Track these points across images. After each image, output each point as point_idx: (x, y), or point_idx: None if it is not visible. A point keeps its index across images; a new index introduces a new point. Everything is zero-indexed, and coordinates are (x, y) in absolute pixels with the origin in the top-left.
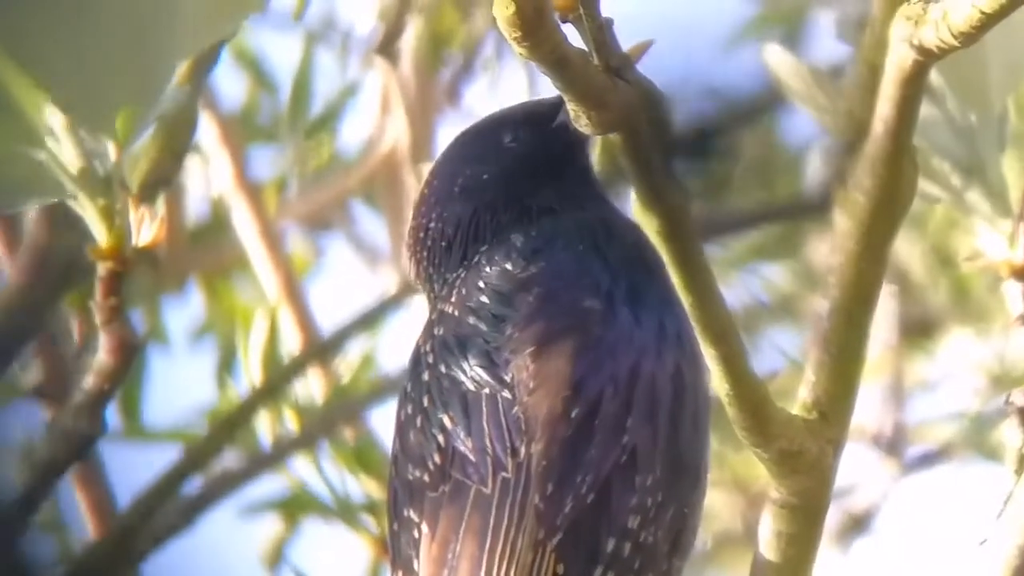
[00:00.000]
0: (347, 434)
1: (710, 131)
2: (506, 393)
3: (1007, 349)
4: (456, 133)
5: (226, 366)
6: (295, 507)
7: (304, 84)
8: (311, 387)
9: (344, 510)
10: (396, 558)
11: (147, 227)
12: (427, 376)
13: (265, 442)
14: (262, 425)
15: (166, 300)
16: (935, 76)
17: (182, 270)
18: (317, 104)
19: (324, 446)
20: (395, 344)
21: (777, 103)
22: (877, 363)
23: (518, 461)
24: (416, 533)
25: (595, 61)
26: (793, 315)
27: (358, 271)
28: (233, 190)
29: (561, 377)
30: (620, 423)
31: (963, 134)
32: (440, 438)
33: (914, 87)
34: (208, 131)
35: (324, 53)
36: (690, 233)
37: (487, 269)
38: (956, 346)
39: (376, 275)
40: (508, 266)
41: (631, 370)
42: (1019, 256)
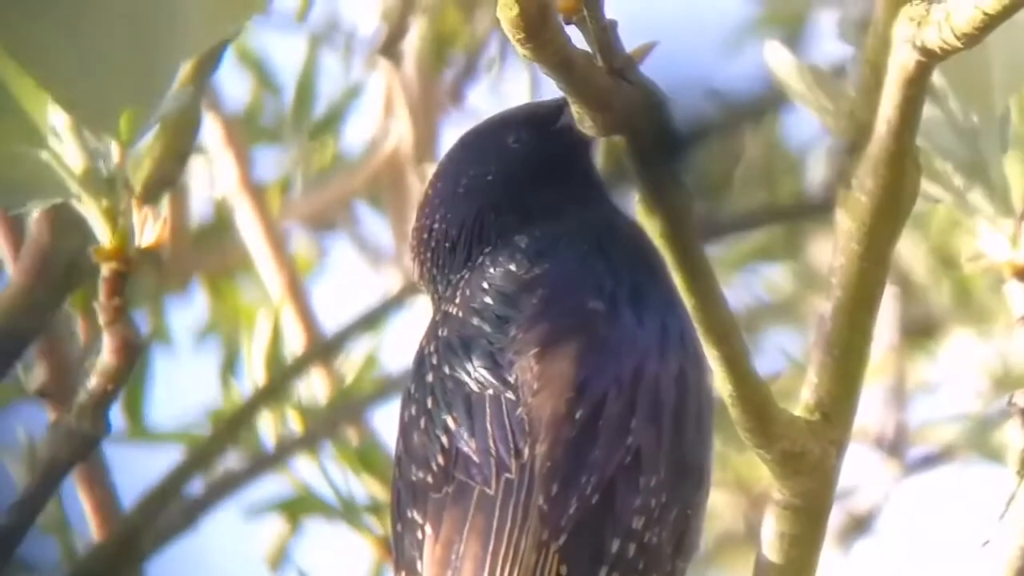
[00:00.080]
0: (350, 434)
1: (712, 132)
2: (510, 394)
3: (1010, 350)
4: (460, 134)
5: (230, 367)
6: (298, 508)
7: (308, 85)
8: (314, 387)
9: (347, 511)
10: (399, 559)
11: (150, 228)
12: (431, 377)
13: (268, 443)
14: (265, 426)
15: (170, 301)
16: (937, 77)
17: (186, 271)
18: (321, 105)
19: (327, 446)
20: (398, 344)
21: (779, 104)
22: (879, 364)
23: (522, 462)
24: (420, 534)
25: (599, 63)
26: (795, 316)
27: (362, 272)
28: (237, 191)
29: (565, 378)
30: (624, 424)
31: (965, 135)
32: (444, 439)
33: (917, 88)
34: (212, 132)
35: (328, 54)
36: (693, 235)
37: (491, 270)
38: (958, 347)
39: (380, 276)
40: (512, 267)
41: (635, 371)
42: (1021, 257)
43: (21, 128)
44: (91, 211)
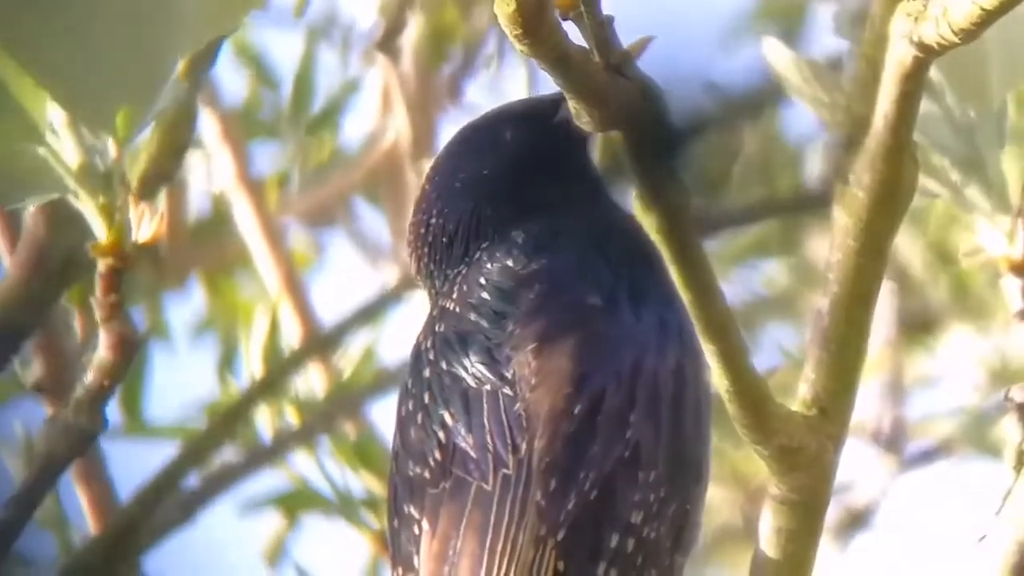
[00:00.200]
0: (348, 429)
1: (710, 127)
2: (507, 390)
3: (1007, 345)
4: (457, 129)
5: (227, 362)
6: (295, 502)
7: (305, 80)
8: (311, 382)
9: (344, 505)
10: (396, 554)
11: (147, 223)
12: (428, 373)
13: (265, 437)
14: (262, 420)
15: (168, 296)
16: (935, 72)
17: (183, 266)
18: (318, 100)
19: (324, 441)
20: (396, 339)
21: (777, 98)
22: (877, 359)
23: (519, 458)
24: (416, 529)
25: (596, 58)
26: (793, 311)
27: (359, 267)
28: (234, 186)
29: (563, 374)
30: (623, 419)
31: (963, 130)
32: (441, 435)
33: (914, 83)
34: (209, 127)
35: (325, 49)
36: (690, 231)
37: (488, 265)
38: (956, 342)
39: (377, 271)
40: (509, 263)
41: (633, 366)
42: (1018, 252)
43: (18, 124)
44: (88, 207)
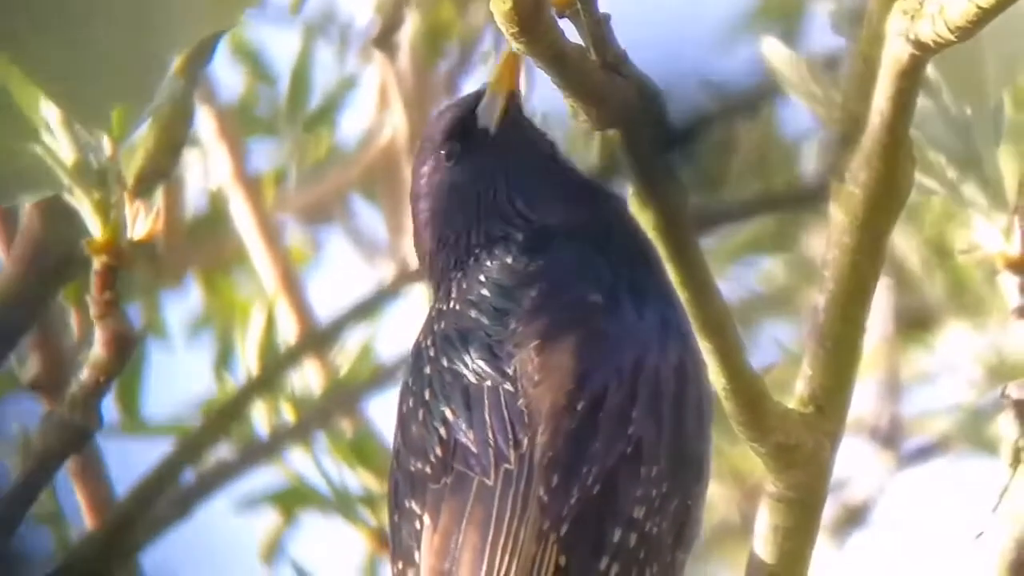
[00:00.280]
0: (344, 426)
1: (708, 124)
2: (508, 386)
3: (1004, 342)
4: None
5: (224, 359)
6: (292, 499)
7: (302, 77)
8: (308, 379)
9: (341, 502)
10: (397, 549)
11: (142, 221)
12: (428, 370)
13: (262, 434)
14: (259, 417)
15: (165, 294)
16: (931, 70)
17: (180, 264)
18: (315, 97)
19: (321, 438)
20: (393, 335)
21: (774, 96)
22: (874, 356)
23: (520, 453)
24: (418, 524)
25: (592, 56)
26: (790, 308)
27: (356, 264)
28: (231, 183)
29: (566, 370)
30: (625, 415)
31: (959, 128)
32: (442, 430)
33: (910, 81)
34: (206, 124)
35: (322, 46)
36: (687, 228)
37: (488, 263)
38: (953, 339)
39: (374, 268)
40: (509, 260)
41: (635, 363)
42: (1015, 249)
43: (13, 121)
44: (83, 204)
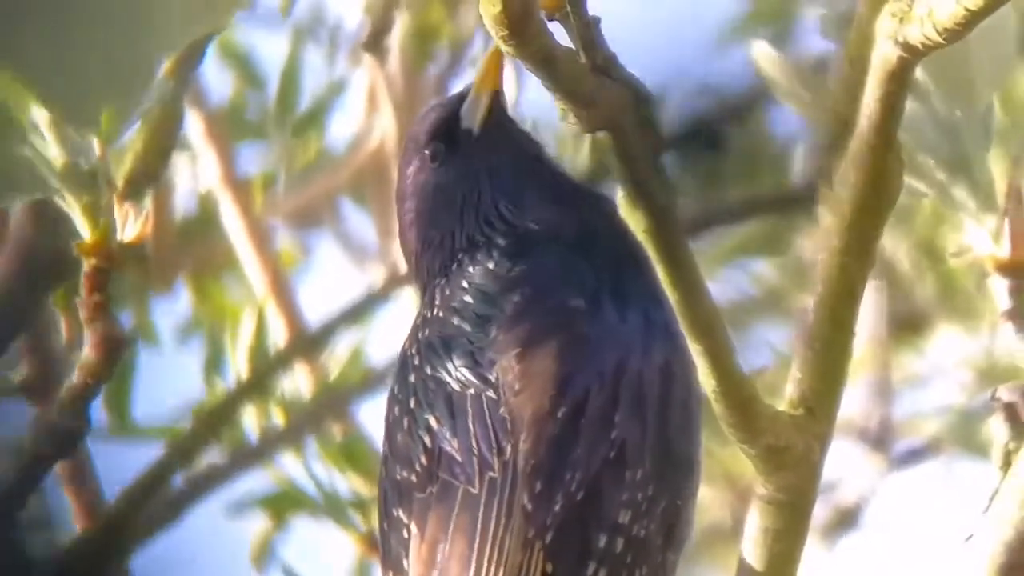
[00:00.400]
0: (335, 430)
1: (699, 127)
2: (491, 393)
3: (994, 344)
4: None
5: (214, 363)
6: (282, 503)
7: (292, 80)
8: (298, 383)
9: (331, 506)
10: (386, 558)
11: (132, 223)
12: (413, 378)
13: (252, 438)
14: (249, 421)
15: (155, 299)
16: (920, 73)
17: (170, 268)
18: (305, 100)
19: (311, 442)
20: (382, 339)
21: (765, 99)
22: (864, 358)
23: (504, 460)
24: (405, 533)
25: (582, 59)
26: (781, 310)
27: (346, 268)
28: (220, 187)
29: (547, 377)
30: (608, 420)
31: (949, 131)
32: (426, 439)
33: (899, 83)
34: (195, 127)
35: (312, 49)
36: (677, 231)
37: (470, 269)
38: (943, 341)
39: (364, 272)
40: (491, 266)
41: (617, 366)
42: (1005, 251)
43: (3, 124)
44: (72, 207)
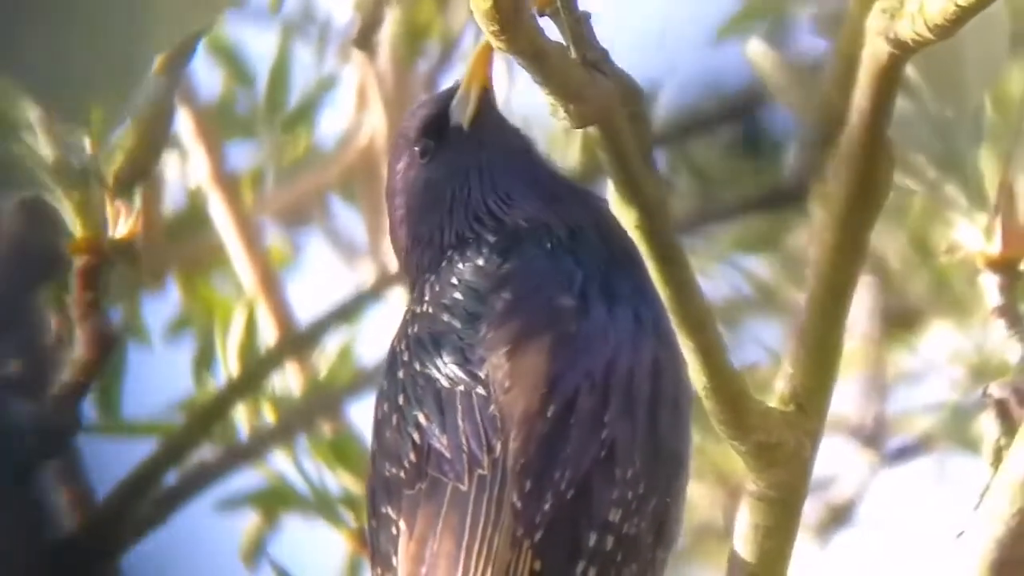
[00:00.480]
0: (325, 427)
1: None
2: (480, 390)
3: (986, 341)
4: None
5: (204, 361)
6: (273, 501)
7: (281, 77)
8: (288, 380)
9: (322, 504)
10: (376, 555)
11: (123, 220)
12: (402, 374)
13: (243, 435)
14: (239, 418)
15: (145, 296)
16: (912, 71)
17: (160, 266)
18: (294, 97)
19: (302, 439)
20: (373, 337)
21: (759, 96)
22: (857, 355)
23: (494, 458)
24: (394, 530)
25: (573, 54)
26: (775, 307)
27: (336, 266)
28: (210, 184)
29: (536, 375)
30: (598, 418)
31: (940, 128)
32: (415, 436)
33: (890, 80)
34: (184, 124)
35: (301, 46)
36: (668, 227)
37: (460, 266)
38: (935, 338)
39: (354, 270)
40: (481, 263)
41: (607, 364)
42: (996, 248)
43: None
44: (63, 204)
